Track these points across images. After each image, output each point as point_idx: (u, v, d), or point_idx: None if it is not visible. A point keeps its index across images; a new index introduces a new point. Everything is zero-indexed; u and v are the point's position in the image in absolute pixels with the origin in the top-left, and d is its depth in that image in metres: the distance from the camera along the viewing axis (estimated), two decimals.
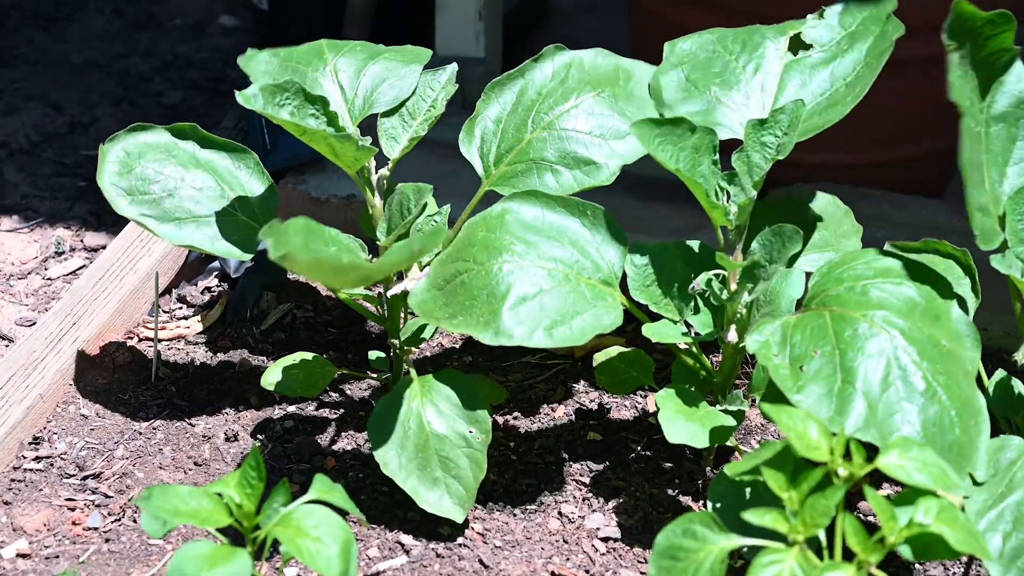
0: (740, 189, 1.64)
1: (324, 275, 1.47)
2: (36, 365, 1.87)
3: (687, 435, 1.60)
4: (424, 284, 1.61)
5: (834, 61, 1.72)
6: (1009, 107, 1.62)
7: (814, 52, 1.74)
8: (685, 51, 1.76)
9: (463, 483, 1.64)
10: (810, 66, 1.73)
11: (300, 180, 2.28)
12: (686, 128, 1.63)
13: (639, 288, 1.66)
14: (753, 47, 1.76)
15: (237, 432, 1.83)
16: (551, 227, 1.65)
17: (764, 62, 1.74)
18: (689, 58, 1.75)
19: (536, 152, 1.74)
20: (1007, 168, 1.60)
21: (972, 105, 1.57)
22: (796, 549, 1.31)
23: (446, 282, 1.60)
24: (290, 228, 1.50)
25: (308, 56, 1.81)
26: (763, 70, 1.74)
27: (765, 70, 1.74)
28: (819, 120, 1.66)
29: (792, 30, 1.76)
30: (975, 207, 1.53)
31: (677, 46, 1.77)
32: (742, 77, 1.73)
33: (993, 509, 1.45)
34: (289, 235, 1.49)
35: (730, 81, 1.73)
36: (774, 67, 1.74)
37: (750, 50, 1.75)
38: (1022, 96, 1.62)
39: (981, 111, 1.60)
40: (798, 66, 1.73)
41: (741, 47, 1.76)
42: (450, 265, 1.61)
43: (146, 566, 1.61)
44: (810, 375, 1.45)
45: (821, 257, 1.71)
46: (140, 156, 1.79)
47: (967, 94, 1.56)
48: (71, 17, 3.10)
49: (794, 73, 1.73)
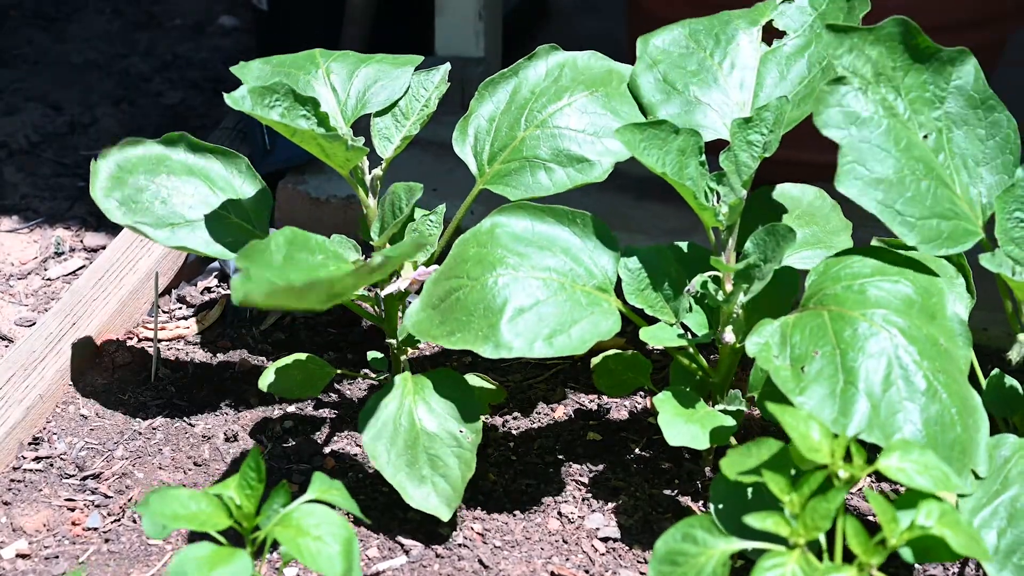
0: (729, 189, 1.64)
1: (287, 302, 1.42)
2: (36, 365, 1.87)
3: (688, 437, 1.59)
4: (418, 305, 1.61)
5: (809, 48, 1.72)
6: (968, 109, 1.62)
7: (788, 39, 1.74)
8: (659, 48, 1.76)
9: (450, 482, 1.64)
10: (786, 56, 1.73)
11: (300, 180, 2.28)
12: (670, 130, 1.63)
13: (634, 292, 1.66)
14: (727, 40, 1.75)
15: (237, 432, 1.83)
16: (542, 237, 1.65)
17: (739, 56, 1.74)
18: (663, 56, 1.75)
19: (529, 150, 1.74)
20: (979, 169, 1.60)
21: (918, 113, 1.59)
22: (797, 552, 1.31)
23: (440, 300, 1.60)
24: (271, 244, 1.48)
25: (301, 61, 1.83)
26: (739, 66, 1.73)
27: (742, 65, 1.73)
28: (797, 113, 1.66)
29: (763, 16, 1.76)
30: (921, 215, 1.54)
31: (649, 43, 1.77)
32: (719, 75, 1.73)
33: (988, 506, 1.45)
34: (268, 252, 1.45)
35: (707, 80, 1.73)
36: (750, 61, 1.74)
37: (724, 44, 1.75)
38: (980, 96, 1.62)
39: (937, 119, 1.60)
40: (774, 57, 1.73)
41: (715, 42, 1.75)
42: (444, 283, 1.61)
43: (146, 566, 1.61)
44: (812, 376, 1.45)
45: (813, 254, 1.71)
46: (132, 169, 1.79)
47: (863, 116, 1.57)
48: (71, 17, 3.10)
49: (771, 65, 1.73)
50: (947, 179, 1.59)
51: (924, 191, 1.56)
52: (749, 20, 1.77)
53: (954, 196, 1.58)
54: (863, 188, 1.54)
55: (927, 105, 1.60)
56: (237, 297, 1.36)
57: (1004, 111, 1.62)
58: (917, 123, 1.59)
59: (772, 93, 1.71)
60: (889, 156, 1.55)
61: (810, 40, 1.73)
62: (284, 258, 1.49)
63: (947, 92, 1.61)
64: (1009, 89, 1.89)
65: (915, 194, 1.55)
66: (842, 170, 1.53)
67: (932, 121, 1.60)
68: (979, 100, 1.61)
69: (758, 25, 1.76)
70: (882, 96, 1.57)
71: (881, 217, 1.53)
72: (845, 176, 1.54)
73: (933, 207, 1.56)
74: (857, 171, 1.54)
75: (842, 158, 1.54)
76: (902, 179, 1.55)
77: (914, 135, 1.58)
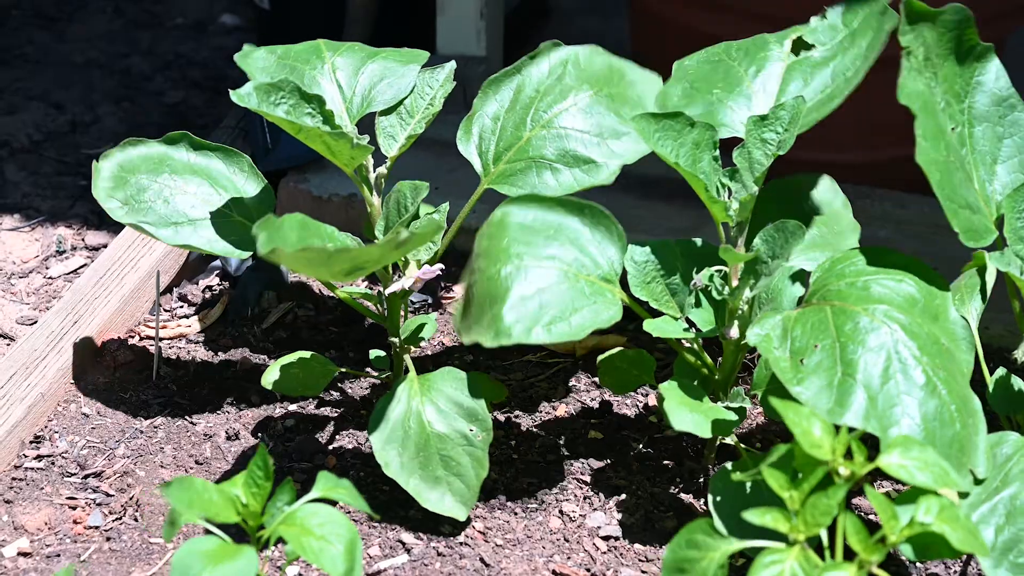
0: (741, 185, 1.64)
1: (313, 266, 1.47)
2: (37, 364, 1.87)
3: (691, 423, 1.59)
4: (457, 305, 1.62)
5: (835, 59, 1.72)
6: (990, 106, 1.63)
7: (816, 51, 1.74)
8: (691, 66, 1.76)
9: (465, 481, 1.64)
10: (812, 65, 1.73)
11: (302, 179, 2.28)
12: (685, 123, 1.63)
13: (639, 285, 1.67)
14: (756, 51, 1.76)
15: (238, 431, 1.83)
16: (549, 227, 1.65)
17: (767, 64, 1.74)
18: (694, 70, 1.75)
19: (535, 150, 1.74)
20: (996, 167, 1.61)
21: (949, 106, 1.59)
22: (797, 549, 1.31)
23: (464, 294, 1.61)
24: (285, 224, 1.50)
25: (306, 54, 1.81)
26: (765, 72, 1.74)
27: (767, 72, 1.74)
28: (815, 115, 1.66)
29: (796, 33, 1.77)
30: (960, 205, 1.54)
31: (684, 63, 1.77)
32: (744, 79, 1.73)
33: (987, 503, 1.46)
34: (282, 230, 1.49)
35: (732, 83, 1.73)
36: (776, 68, 1.74)
37: (753, 54, 1.75)
38: (1002, 94, 1.62)
39: (962, 112, 1.61)
40: (800, 66, 1.73)
41: (744, 54, 1.76)
42: (466, 278, 1.62)
43: (147, 565, 1.61)
44: (810, 367, 1.45)
45: (820, 256, 1.71)
46: (134, 169, 1.79)
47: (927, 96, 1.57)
48: (72, 16, 3.10)
49: (796, 73, 1.73)
50: (970, 173, 1.59)
51: (959, 182, 1.56)
52: (781, 36, 1.77)
53: (975, 191, 1.59)
54: (930, 166, 1.53)
55: (955, 98, 1.61)
56: (264, 249, 1.37)
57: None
58: (948, 114, 1.59)
59: (793, 96, 1.71)
60: (941, 140, 1.55)
61: (837, 53, 1.72)
62: (298, 239, 1.51)
63: (971, 87, 1.62)
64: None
65: (956, 182, 1.55)
66: (919, 146, 1.53)
67: (958, 114, 1.61)
68: (1001, 98, 1.62)
69: (789, 39, 1.76)
70: (927, 81, 1.58)
71: (938, 196, 1.53)
72: (921, 151, 1.53)
73: (965, 197, 1.56)
74: (923, 147, 1.53)
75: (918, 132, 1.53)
76: (948, 164, 1.55)
77: (947, 125, 1.59)
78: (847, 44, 1.73)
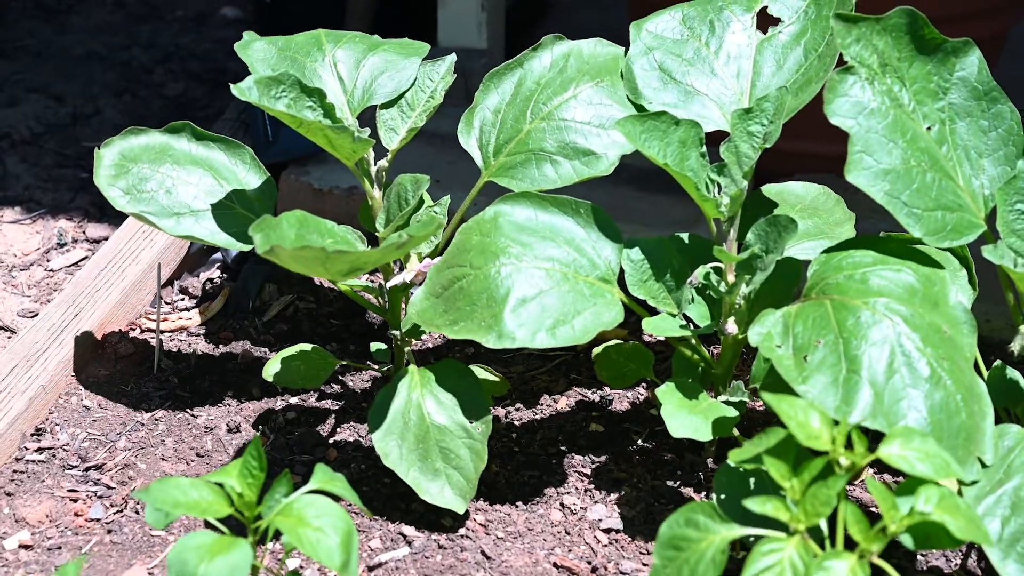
0: (730, 180, 1.64)
1: (311, 266, 1.47)
2: (38, 356, 1.87)
3: (690, 429, 1.59)
4: (422, 293, 1.61)
5: (805, 36, 1.72)
6: (972, 100, 1.62)
7: (783, 27, 1.74)
8: (652, 33, 1.76)
9: (464, 474, 1.64)
10: (782, 44, 1.73)
11: (303, 171, 2.28)
12: (670, 122, 1.63)
13: (637, 284, 1.66)
14: (721, 27, 1.75)
15: (239, 423, 1.83)
16: (545, 227, 1.65)
17: (735, 44, 1.74)
18: (657, 41, 1.75)
19: (535, 143, 1.74)
20: (982, 160, 1.60)
21: (922, 105, 1.59)
22: (796, 538, 1.31)
23: (444, 289, 1.60)
24: (283, 221, 1.50)
25: (306, 46, 1.81)
26: (735, 55, 1.73)
27: (737, 54, 1.73)
28: (796, 101, 1.66)
29: (756, 3, 1.76)
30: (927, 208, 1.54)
31: (643, 28, 1.77)
32: (715, 64, 1.73)
33: (991, 495, 1.46)
34: (281, 229, 1.49)
35: (704, 69, 1.73)
36: (746, 49, 1.74)
37: (719, 31, 1.75)
38: (984, 88, 1.62)
39: (941, 109, 1.60)
40: (770, 45, 1.73)
41: (709, 29, 1.75)
42: (446, 272, 1.61)
43: (148, 557, 1.61)
44: (814, 365, 1.45)
45: (815, 244, 1.71)
46: (136, 158, 1.79)
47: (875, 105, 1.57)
48: (73, 9, 3.10)
49: (767, 54, 1.73)
50: (950, 171, 1.59)
51: (929, 183, 1.56)
52: (743, 6, 1.77)
53: (957, 188, 1.58)
54: (871, 178, 1.54)
55: (931, 96, 1.60)
56: (262, 248, 1.37)
57: (1007, 103, 1.62)
58: (921, 114, 1.59)
59: (770, 83, 1.71)
60: (896, 147, 1.55)
61: (805, 27, 1.72)
62: (296, 236, 1.50)
63: (950, 83, 1.61)
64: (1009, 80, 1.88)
65: (921, 186, 1.55)
66: (851, 160, 1.54)
67: (936, 112, 1.60)
68: (982, 91, 1.61)
69: (752, 12, 1.76)
70: (888, 87, 1.57)
71: (888, 208, 1.54)
72: (854, 166, 1.54)
73: (938, 199, 1.56)
74: (865, 161, 1.54)
75: (851, 148, 1.54)
76: (908, 170, 1.55)
77: (919, 126, 1.58)
78: (813, 14, 1.73)
